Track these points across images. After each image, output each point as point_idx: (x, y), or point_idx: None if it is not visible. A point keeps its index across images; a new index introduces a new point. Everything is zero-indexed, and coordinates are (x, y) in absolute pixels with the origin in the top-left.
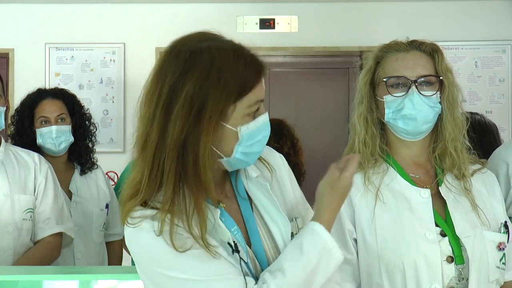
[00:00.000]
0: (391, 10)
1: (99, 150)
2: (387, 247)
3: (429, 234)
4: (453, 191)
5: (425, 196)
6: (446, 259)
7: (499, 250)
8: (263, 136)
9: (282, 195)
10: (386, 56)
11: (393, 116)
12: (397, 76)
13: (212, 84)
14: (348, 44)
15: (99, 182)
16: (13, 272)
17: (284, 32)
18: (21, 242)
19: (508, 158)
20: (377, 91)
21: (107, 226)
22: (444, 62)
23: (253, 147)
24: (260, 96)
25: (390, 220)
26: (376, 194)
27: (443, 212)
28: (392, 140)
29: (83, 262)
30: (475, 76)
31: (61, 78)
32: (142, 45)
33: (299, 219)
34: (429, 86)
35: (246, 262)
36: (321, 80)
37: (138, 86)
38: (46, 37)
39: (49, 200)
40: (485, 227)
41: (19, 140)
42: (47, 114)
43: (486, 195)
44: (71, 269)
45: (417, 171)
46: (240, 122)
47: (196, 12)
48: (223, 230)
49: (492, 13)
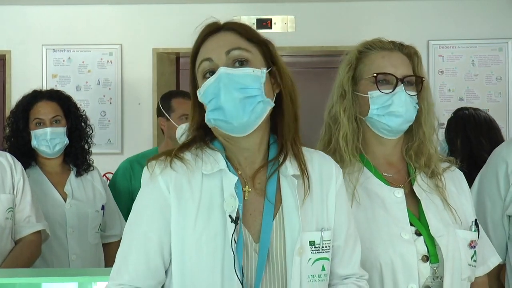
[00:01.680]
0: (388, 9)
1: (97, 152)
2: (363, 247)
3: (404, 234)
4: (425, 189)
5: (399, 195)
6: (422, 258)
7: (471, 248)
8: (217, 89)
9: (319, 201)
10: (370, 53)
11: (378, 112)
12: (385, 73)
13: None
14: (345, 44)
15: (95, 184)
16: (12, 274)
17: (281, 32)
18: (4, 241)
19: (508, 157)
20: (359, 87)
21: (104, 228)
22: (422, 65)
23: (214, 103)
24: (204, 56)
25: (366, 220)
26: (352, 194)
27: (416, 211)
28: (368, 137)
29: (77, 264)
30: (472, 75)
31: (58, 79)
32: (139, 46)
33: (328, 232)
34: (411, 87)
35: (236, 241)
36: (319, 80)
37: (136, 87)
38: (43, 38)
39: (28, 198)
40: (457, 225)
41: (14, 142)
42: (42, 116)
43: (456, 193)
44: (70, 271)
45: (390, 170)
46: (199, 87)
47: (192, 13)
48: (232, 199)
49: (489, 11)
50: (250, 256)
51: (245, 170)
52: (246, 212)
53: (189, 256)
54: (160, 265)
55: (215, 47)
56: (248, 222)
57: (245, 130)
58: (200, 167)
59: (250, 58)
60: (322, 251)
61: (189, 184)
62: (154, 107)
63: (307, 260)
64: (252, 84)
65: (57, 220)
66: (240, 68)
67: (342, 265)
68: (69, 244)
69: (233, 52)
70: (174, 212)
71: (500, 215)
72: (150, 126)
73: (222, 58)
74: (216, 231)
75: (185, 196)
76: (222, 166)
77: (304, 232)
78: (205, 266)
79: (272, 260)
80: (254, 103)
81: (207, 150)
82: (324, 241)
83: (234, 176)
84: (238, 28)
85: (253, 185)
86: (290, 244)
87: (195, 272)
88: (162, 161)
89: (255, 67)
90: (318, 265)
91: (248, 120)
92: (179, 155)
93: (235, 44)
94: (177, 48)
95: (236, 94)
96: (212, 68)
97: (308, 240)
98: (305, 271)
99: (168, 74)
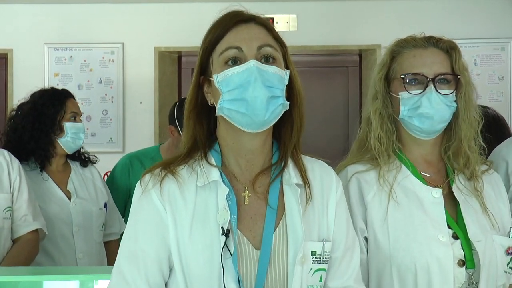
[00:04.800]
0: (390, 8)
1: (98, 150)
2: (399, 247)
3: (442, 236)
4: (464, 192)
5: (436, 196)
6: (458, 262)
7: (507, 255)
8: (246, 81)
9: (320, 212)
10: (403, 52)
11: (409, 114)
12: (414, 73)
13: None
14: (347, 43)
15: (96, 182)
16: (14, 272)
17: (283, 31)
18: (3, 241)
19: (508, 156)
20: (392, 87)
21: (105, 226)
22: (461, 60)
23: (237, 93)
24: (232, 43)
25: (403, 220)
26: (389, 193)
27: (454, 214)
28: (404, 137)
29: (84, 262)
30: (474, 74)
31: (60, 78)
32: (141, 45)
33: (329, 243)
34: (446, 85)
35: (231, 254)
36: (320, 79)
37: (137, 86)
38: (45, 37)
39: (25, 196)
40: (495, 231)
41: (38, 135)
42: (77, 110)
43: (494, 197)
44: (72, 269)
45: (428, 170)
46: (217, 72)
47: (194, 12)
48: (224, 211)
49: (491, 10)
50: (250, 264)
51: (245, 174)
52: (246, 217)
53: (188, 266)
54: (160, 281)
55: (247, 38)
56: (248, 226)
57: (260, 127)
58: (195, 179)
59: (277, 57)
60: (322, 262)
61: (183, 196)
62: (156, 106)
63: (308, 270)
64: (278, 84)
65: (63, 219)
66: (271, 66)
67: (336, 277)
68: (76, 242)
69: (266, 48)
70: (170, 224)
71: None
72: (152, 125)
73: (253, 50)
74: (212, 240)
75: (179, 209)
76: (216, 177)
77: (306, 241)
78: (203, 275)
79: (274, 268)
80: (277, 103)
81: (204, 164)
82: (325, 252)
83: (225, 188)
84: (268, 25)
85: (254, 189)
86: (292, 253)
87: (196, 281)
88: (155, 175)
89: (279, 66)
90: (317, 276)
91: (268, 119)
92: (174, 169)
93: (268, 41)
94: (179, 47)
95: (265, 92)
96: (239, 57)
97: (310, 250)
98: (305, 281)
99: (169, 73)
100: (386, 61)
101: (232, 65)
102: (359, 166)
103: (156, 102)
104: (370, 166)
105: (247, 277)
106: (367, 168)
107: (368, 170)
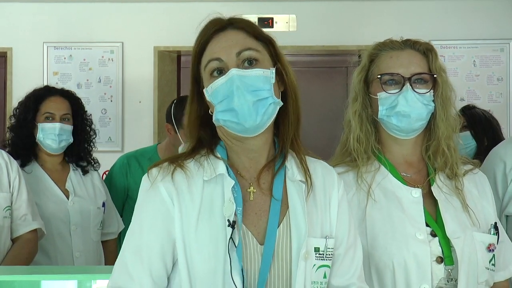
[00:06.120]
0: (389, 9)
1: (98, 149)
2: (377, 246)
3: (419, 234)
4: (444, 190)
5: (416, 195)
6: (436, 259)
7: (489, 252)
8: (229, 91)
9: (323, 209)
10: (381, 54)
11: (387, 113)
12: (391, 73)
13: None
14: (346, 43)
15: (94, 181)
16: (12, 272)
17: (283, 31)
18: (3, 240)
19: (506, 157)
20: (371, 89)
21: (103, 225)
22: (438, 61)
23: (226, 104)
24: (212, 55)
25: (381, 219)
26: (368, 193)
27: (433, 212)
28: (384, 138)
29: (81, 261)
30: (473, 75)
31: (59, 77)
32: (140, 44)
33: (331, 240)
34: (422, 84)
35: (236, 246)
36: (320, 79)
37: (137, 85)
38: (44, 36)
39: (24, 196)
40: (475, 228)
41: (19, 133)
42: (53, 110)
43: (477, 196)
44: (70, 269)
45: (409, 170)
46: (206, 86)
47: (194, 12)
48: (230, 203)
49: (491, 11)
50: (253, 258)
51: (250, 171)
52: (251, 212)
53: (192, 260)
54: (163, 274)
55: (225, 46)
56: (253, 222)
57: (256, 131)
58: (202, 174)
59: (260, 57)
60: (325, 258)
61: (190, 190)
62: (155, 105)
63: (311, 265)
64: (263, 86)
65: (60, 218)
66: (252, 70)
67: (339, 274)
68: (73, 241)
69: (244, 53)
70: (176, 218)
71: (498, 215)
72: (151, 124)
73: (233, 58)
74: (217, 233)
75: (186, 202)
76: (222, 171)
77: (309, 237)
78: (207, 268)
79: (278, 263)
80: (266, 105)
81: (210, 158)
82: (328, 249)
83: (231, 180)
84: (246, 26)
85: (259, 185)
86: (296, 248)
87: (199, 275)
88: (164, 168)
89: (263, 66)
90: (321, 272)
91: (261, 122)
92: (182, 163)
93: (245, 45)
94: (178, 47)
95: (250, 97)
96: (221, 67)
97: (313, 246)
98: (309, 277)
99: (169, 73)
100: (365, 64)
101: (217, 75)
102: (339, 169)
103: (155, 101)
104: (348, 168)
105: (251, 272)
106: (346, 169)
107: (347, 171)
